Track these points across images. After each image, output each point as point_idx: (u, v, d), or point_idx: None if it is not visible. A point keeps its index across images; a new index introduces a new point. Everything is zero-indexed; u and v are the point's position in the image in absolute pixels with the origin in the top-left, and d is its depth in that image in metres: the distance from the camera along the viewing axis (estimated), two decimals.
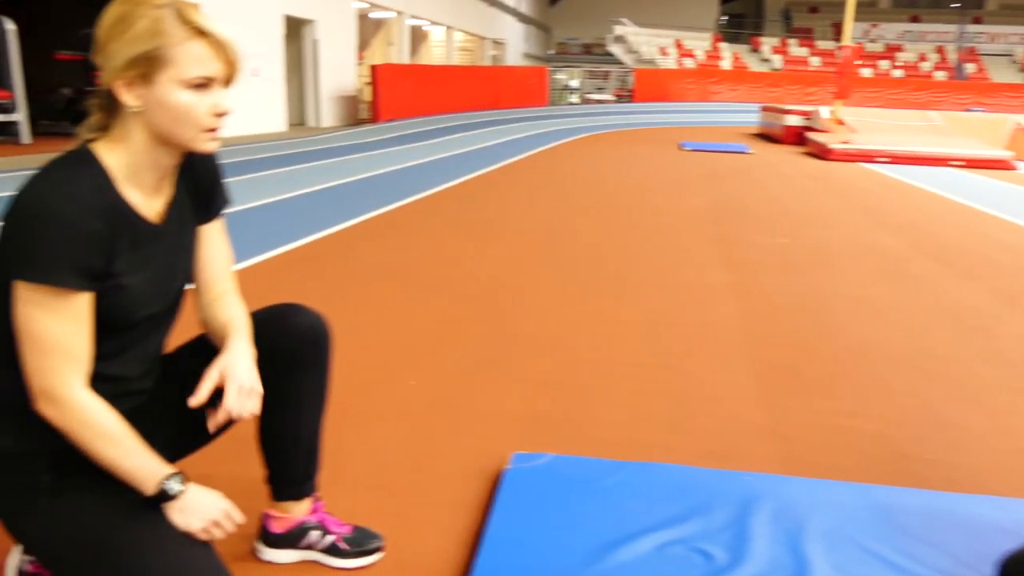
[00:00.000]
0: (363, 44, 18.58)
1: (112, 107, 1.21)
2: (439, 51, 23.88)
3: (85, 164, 1.18)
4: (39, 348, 1.15)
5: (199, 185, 1.39)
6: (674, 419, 2.41)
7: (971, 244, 5.47)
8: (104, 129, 1.23)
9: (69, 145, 1.24)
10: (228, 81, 1.24)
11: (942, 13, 34.64)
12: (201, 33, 1.18)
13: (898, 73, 30.02)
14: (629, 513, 1.72)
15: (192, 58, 1.17)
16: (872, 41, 33.08)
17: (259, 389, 1.31)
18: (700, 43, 31.63)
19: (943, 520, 1.72)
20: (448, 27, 22.91)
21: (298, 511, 1.59)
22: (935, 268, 4.66)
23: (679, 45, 30.77)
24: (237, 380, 1.27)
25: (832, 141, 11.79)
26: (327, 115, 15.33)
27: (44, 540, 1.23)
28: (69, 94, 11.55)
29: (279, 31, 13.48)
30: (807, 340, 3.23)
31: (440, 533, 1.74)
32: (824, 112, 13.79)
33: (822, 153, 11.73)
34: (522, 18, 31.22)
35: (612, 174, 8.93)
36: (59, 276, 1.12)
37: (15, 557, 1.49)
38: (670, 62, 29.24)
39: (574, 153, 11.28)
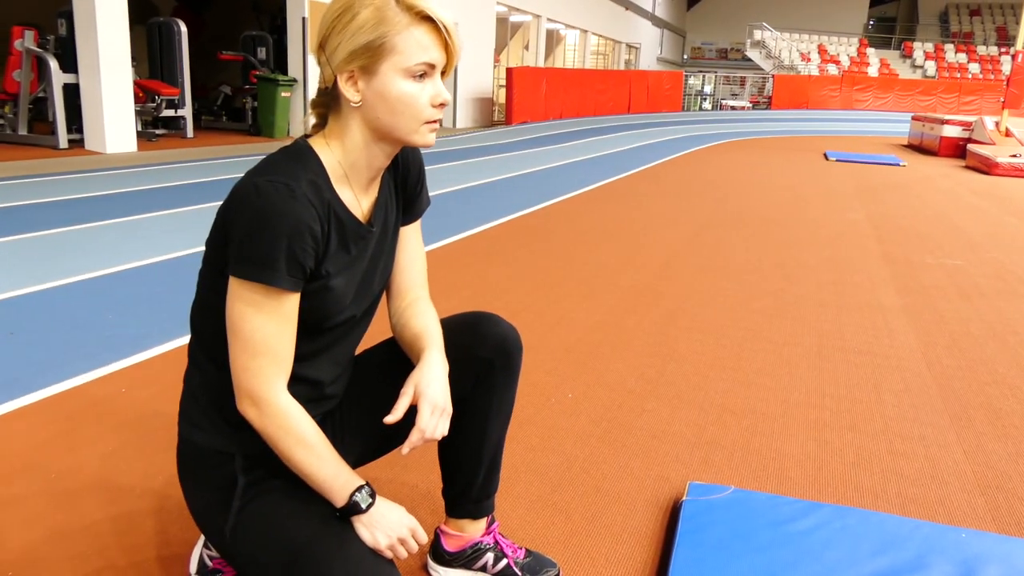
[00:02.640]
0: (499, 47, 18.77)
1: (330, 104, 1.17)
2: (573, 54, 23.82)
3: (304, 161, 1.14)
4: (249, 348, 1.12)
5: (405, 185, 1.34)
6: (863, 457, 2.19)
7: None
8: (322, 126, 1.19)
9: (226, 139, 1.21)
10: (447, 70, 1.17)
11: None
12: (425, 18, 1.11)
13: None
14: (826, 564, 1.54)
15: (416, 44, 1.10)
16: None
17: (451, 409, 1.24)
18: (845, 48, 30.08)
19: None
20: (583, 31, 22.82)
21: (473, 530, 1.51)
22: None
23: (822, 50, 29.38)
24: (431, 400, 1.20)
25: (999, 154, 10.86)
26: (463, 116, 15.57)
27: (232, 539, 1.20)
28: (227, 92, 12.26)
29: None
30: (1004, 376, 2.90)
31: (615, 565, 1.62)
32: (988, 122, 12.73)
33: (986, 167, 10.82)
34: (657, 22, 30.71)
35: (756, 183, 8.55)
36: (274, 275, 1.08)
37: (199, 549, 1.49)
38: (812, 68, 27.96)
39: (712, 160, 10.91)
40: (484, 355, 1.37)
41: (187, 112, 9.99)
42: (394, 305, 1.39)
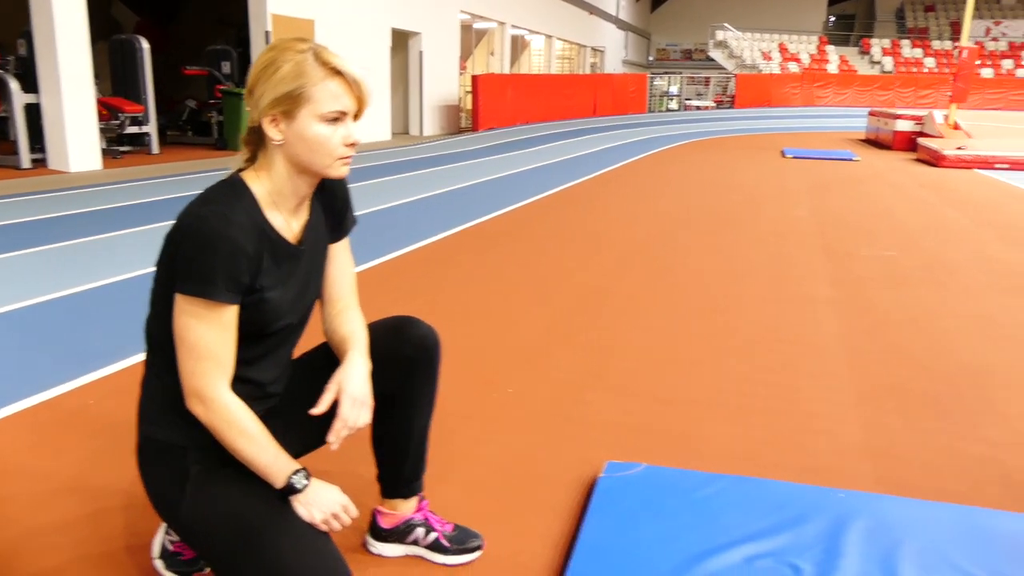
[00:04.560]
0: (465, 54, 18.99)
1: (259, 141, 1.38)
2: (539, 60, 24.10)
3: (237, 191, 1.35)
4: (194, 353, 1.31)
5: (332, 208, 1.55)
6: (773, 435, 2.42)
7: None
8: (252, 160, 1.40)
9: (192, 154, 1.42)
10: (358, 114, 1.39)
11: None
12: (337, 73, 1.33)
13: (1023, 72, 28.23)
14: (721, 525, 1.77)
15: (329, 95, 1.33)
16: (994, 40, 31.22)
17: (371, 401, 1.45)
18: (805, 46, 30.67)
19: None
20: (548, 36, 23.10)
21: (405, 509, 1.72)
22: None
23: (783, 49, 29.95)
24: (351, 393, 1.42)
25: (946, 147, 11.25)
26: (429, 124, 15.75)
27: (190, 521, 1.39)
28: (192, 106, 12.35)
29: (386, 43, 13.97)
30: (914, 358, 3.16)
31: (536, 536, 1.83)
32: (938, 116, 13.16)
33: (935, 160, 11.21)
34: (622, 25, 31.10)
35: (713, 182, 8.84)
36: (214, 291, 1.29)
37: (160, 535, 1.68)
38: (773, 66, 28.49)
39: (674, 161, 11.20)
40: (407, 354, 1.58)
41: (152, 128, 10.09)
42: (326, 313, 1.59)
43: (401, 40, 14.76)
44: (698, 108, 25.61)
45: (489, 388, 2.76)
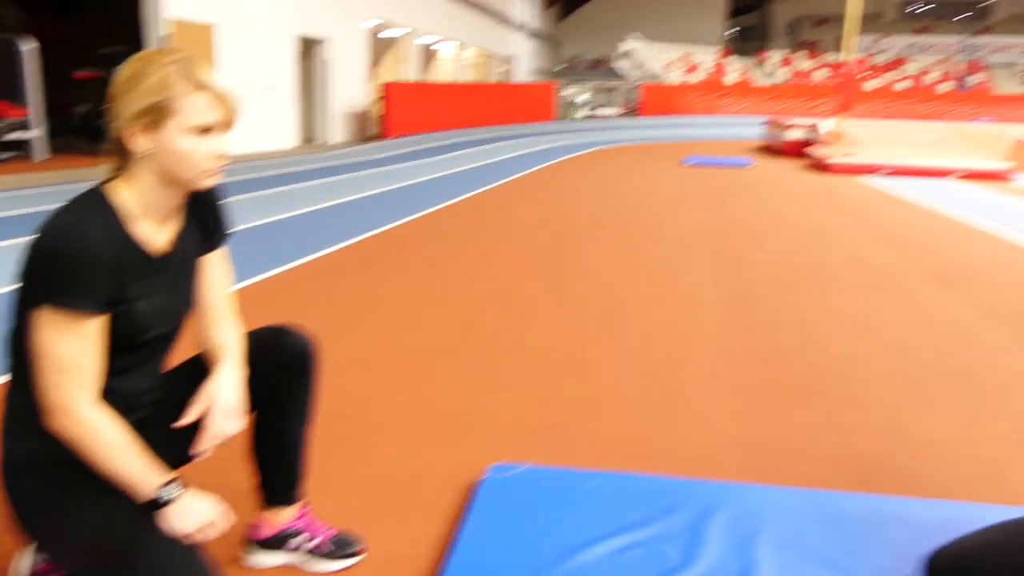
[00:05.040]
0: (374, 61, 18.86)
1: (125, 152, 1.38)
2: (449, 68, 24.16)
3: (98, 203, 1.35)
4: (55, 366, 1.30)
5: (203, 219, 1.56)
6: (656, 431, 2.54)
7: (963, 258, 5.57)
8: (119, 170, 1.40)
9: (83, 161, 1.41)
10: (227, 127, 1.41)
11: (948, 25, 34.70)
12: (203, 86, 1.34)
13: (904, 85, 30.08)
14: (595, 520, 1.85)
15: (195, 108, 1.34)
16: (879, 53, 33.15)
17: (241, 410, 1.46)
18: (707, 57, 31.81)
19: (890, 522, 1.84)
20: (458, 44, 23.19)
21: (285, 516, 1.73)
22: (925, 283, 4.76)
23: (686, 59, 30.97)
24: (220, 403, 1.44)
25: (833, 154, 11.90)
26: (337, 132, 15.57)
27: (55, 538, 1.37)
28: (85, 111, 11.84)
29: (292, 51, 13.75)
30: (791, 355, 3.36)
31: (419, 538, 1.88)
32: (826, 125, 13.89)
33: (823, 166, 11.83)
34: (531, 33, 31.50)
35: (615, 189, 9.08)
36: (76, 301, 1.28)
37: (28, 556, 1.63)
38: (676, 76, 29.43)
39: (579, 168, 11.44)
40: (282, 362, 1.61)
41: (38, 134, 9.62)
42: (199, 323, 1.59)
43: (308, 47, 14.56)
44: (606, 117, 26.18)
45: (384, 394, 2.78)
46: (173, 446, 1.58)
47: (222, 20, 11.71)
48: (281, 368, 1.61)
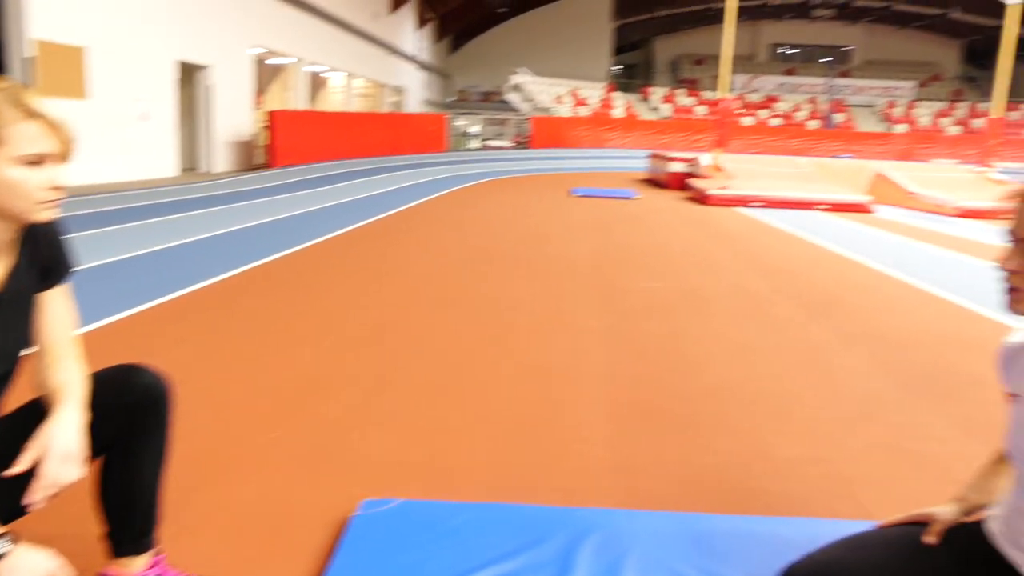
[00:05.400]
0: (260, 89, 18.47)
1: None
2: (338, 97, 23.94)
3: None
4: None
5: (40, 254, 1.47)
6: (534, 460, 2.56)
7: (827, 285, 5.94)
8: None
9: None
10: (63, 158, 1.34)
11: (813, 67, 37.29)
12: (33, 115, 1.28)
13: (776, 122, 32.01)
14: (467, 552, 1.84)
15: (25, 137, 1.27)
16: (753, 92, 35.19)
17: (80, 455, 1.37)
18: (594, 92, 32.88)
19: (748, 542, 1.92)
20: (347, 74, 23.04)
21: (136, 566, 1.63)
22: (793, 309, 5.04)
23: (574, 94, 31.90)
24: (55, 448, 1.34)
25: (711, 187, 12.49)
26: (221, 160, 15.11)
27: None
28: None
29: (171, 76, 13.29)
30: (664, 381, 3.46)
31: None
32: (705, 159, 14.58)
33: (702, 198, 12.39)
34: (422, 66, 31.69)
35: (503, 220, 9.19)
36: None
37: None
38: (565, 110, 30.24)
39: (469, 199, 11.53)
40: (131, 402, 1.52)
41: None
42: (38, 364, 1.49)
43: (189, 73, 14.11)
44: (497, 148, 26.55)
45: (251, 433, 2.68)
46: (4, 496, 1.47)
47: (94, 43, 11.20)
48: (130, 408, 1.52)
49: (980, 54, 36.92)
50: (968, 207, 11.71)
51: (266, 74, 19.13)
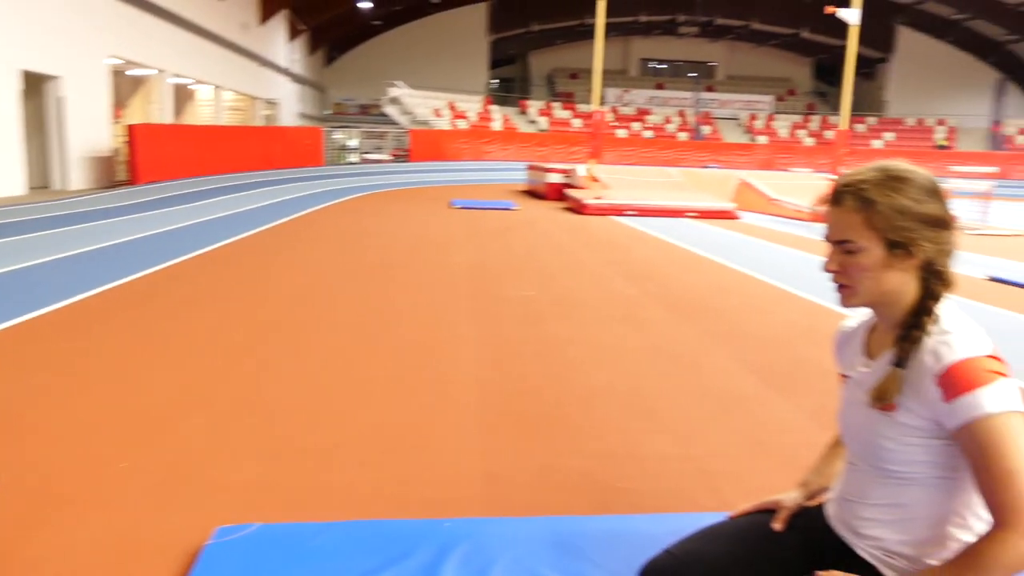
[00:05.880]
0: (120, 102, 17.47)
1: None
2: (207, 110, 22.98)
3: None
4: None
5: None
6: (403, 474, 2.50)
7: (695, 288, 6.17)
8: None
9: None
10: None
11: (681, 81, 39.01)
12: None
13: (648, 134, 33.22)
14: (326, 573, 1.76)
15: None
16: (625, 105, 36.41)
17: None
18: (472, 105, 33.07)
19: (613, 541, 1.93)
20: (216, 86, 22.16)
21: None
22: (662, 312, 5.19)
23: (452, 107, 31.98)
24: None
25: (587, 197, 12.79)
26: (76, 177, 14.15)
27: None
28: None
29: (15, 87, 12.34)
30: (539, 386, 3.48)
31: None
32: (581, 170, 14.93)
33: (579, 208, 12.67)
34: (296, 78, 30.93)
35: (382, 233, 9.06)
36: None
37: None
38: (444, 123, 30.27)
39: (346, 213, 11.30)
40: None
41: None
42: None
43: (36, 84, 13.15)
44: (376, 161, 26.23)
45: (101, 464, 2.49)
46: None
47: None
48: None
49: (828, 70, 39.77)
50: (821, 212, 12.50)
51: (127, 86, 18.12)
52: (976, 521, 1.30)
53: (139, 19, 16.47)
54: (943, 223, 1.29)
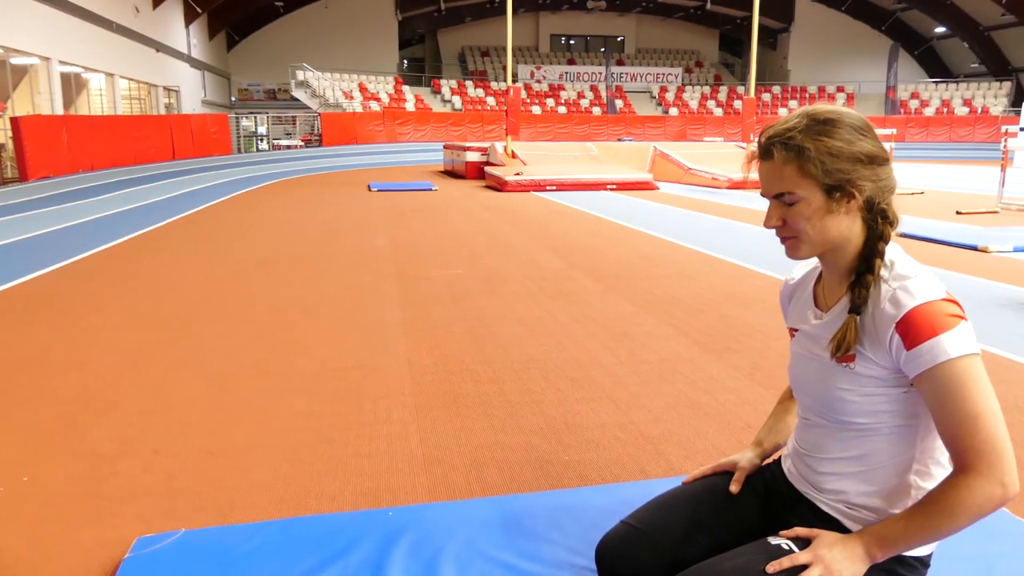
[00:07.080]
0: (3, 94, 16.34)
1: None
2: (101, 100, 21.77)
3: None
4: None
5: None
6: (335, 467, 2.36)
7: (618, 257, 6.17)
8: None
9: None
10: None
11: (592, 56, 39.23)
12: None
13: (562, 110, 33.29)
14: (265, 575, 1.63)
15: None
16: (538, 81, 36.36)
17: None
18: (383, 86, 32.43)
19: (564, 516, 1.86)
20: (108, 74, 20.99)
21: None
22: (588, 283, 5.16)
23: (363, 88, 31.29)
24: None
25: (507, 173, 12.70)
26: None
27: None
28: None
29: None
30: (468, 365, 3.38)
31: None
32: (499, 147, 14.82)
33: (499, 185, 12.57)
34: (196, 64, 29.63)
35: (297, 220, 8.75)
36: None
37: None
38: (356, 105, 29.60)
39: (259, 201, 10.88)
40: None
41: None
42: None
43: None
44: (287, 147, 25.47)
45: None
46: None
47: None
48: None
49: (733, 42, 40.61)
50: (737, 179, 12.79)
51: (9, 76, 16.96)
52: (937, 468, 1.28)
53: (19, 3, 15.40)
54: (878, 159, 1.25)
